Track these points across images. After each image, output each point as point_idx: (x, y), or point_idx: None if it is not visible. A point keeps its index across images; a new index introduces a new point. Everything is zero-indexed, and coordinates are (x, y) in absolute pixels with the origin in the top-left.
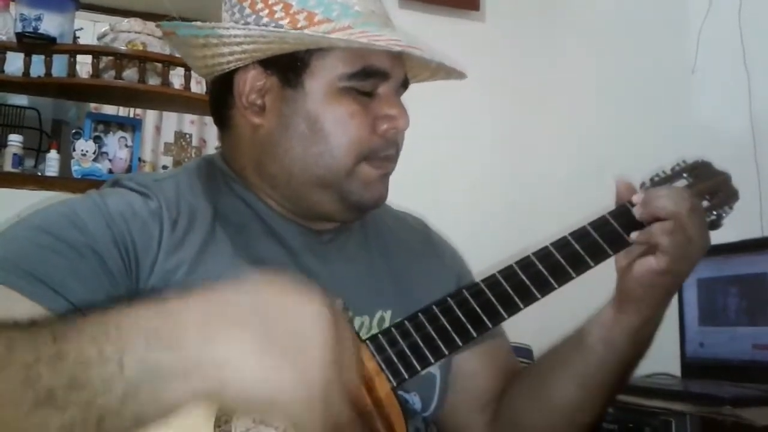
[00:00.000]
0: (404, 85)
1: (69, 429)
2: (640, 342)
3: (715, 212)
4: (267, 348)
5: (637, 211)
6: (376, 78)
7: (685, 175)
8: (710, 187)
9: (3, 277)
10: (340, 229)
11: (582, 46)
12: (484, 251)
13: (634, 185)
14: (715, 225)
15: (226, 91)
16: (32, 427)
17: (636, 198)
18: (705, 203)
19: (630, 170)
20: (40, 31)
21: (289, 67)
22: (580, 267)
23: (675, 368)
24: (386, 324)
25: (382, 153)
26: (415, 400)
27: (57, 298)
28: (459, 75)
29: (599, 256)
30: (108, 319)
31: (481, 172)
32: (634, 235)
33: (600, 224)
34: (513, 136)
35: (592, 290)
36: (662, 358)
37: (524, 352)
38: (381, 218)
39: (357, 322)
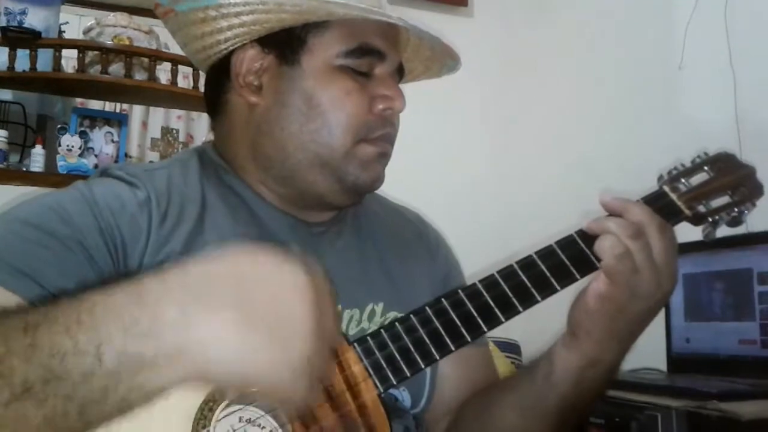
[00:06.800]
0: (399, 71)
1: (50, 421)
2: (583, 385)
3: (736, 209)
4: (248, 324)
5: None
6: (372, 57)
7: (706, 168)
8: (733, 182)
9: None
10: (333, 221)
11: (570, 42)
12: (474, 248)
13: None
14: (737, 222)
15: (222, 75)
16: (12, 422)
17: (586, 226)
18: (726, 199)
19: (618, 165)
20: (25, 26)
21: (286, 44)
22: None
23: (661, 363)
24: (377, 316)
25: (379, 132)
26: (404, 396)
27: (45, 295)
28: (452, 65)
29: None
30: (81, 307)
31: (469, 167)
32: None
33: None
34: (501, 131)
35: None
36: (648, 354)
37: (512, 347)
38: (375, 210)
39: (346, 315)
